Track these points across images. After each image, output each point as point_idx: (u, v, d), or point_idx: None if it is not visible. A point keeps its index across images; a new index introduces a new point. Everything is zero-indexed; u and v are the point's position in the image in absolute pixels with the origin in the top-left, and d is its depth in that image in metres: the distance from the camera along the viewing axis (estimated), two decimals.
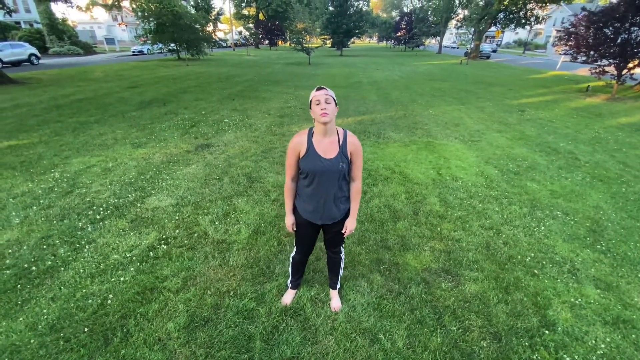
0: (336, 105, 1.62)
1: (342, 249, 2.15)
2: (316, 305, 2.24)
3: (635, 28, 9.54)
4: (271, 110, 7.98)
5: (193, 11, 24.09)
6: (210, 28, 25.41)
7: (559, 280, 2.52)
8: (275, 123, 6.86)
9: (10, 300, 2.24)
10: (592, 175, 4.53)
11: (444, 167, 4.67)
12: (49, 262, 2.60)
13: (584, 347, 1.96)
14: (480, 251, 2.85)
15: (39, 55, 18.63)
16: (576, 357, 1.90)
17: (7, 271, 2.50)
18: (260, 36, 46.73)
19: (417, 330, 2.06)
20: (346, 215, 1.89)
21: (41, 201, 3.54)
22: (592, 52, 10.71)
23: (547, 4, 25.50)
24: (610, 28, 9.95)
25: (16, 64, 17.43)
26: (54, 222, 3.17)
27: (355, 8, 37.98)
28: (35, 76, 13.13)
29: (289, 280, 2.32)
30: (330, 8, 38.74)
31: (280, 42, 50.65)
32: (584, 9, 10.72)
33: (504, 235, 3.09)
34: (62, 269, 2.55)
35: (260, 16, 44.78)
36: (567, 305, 2.27)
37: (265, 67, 18.96)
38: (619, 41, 9.88)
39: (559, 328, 2.08)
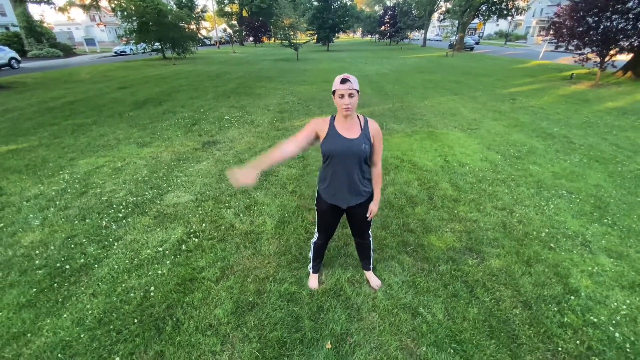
0: (358, 93, 1.64)
1: (371, 234, 2.20)
2: (354, 286, 2.34)
3: (616, 16, 9.94)
4: (270, 106, 7.99)
5: (175, 9, 23.55)
6: (194, 26, 24.91)
7: (574, 252, 2.70)
8: (277, 118, 6.89)
9: (49, 298, 2.25)
10: (589, 157, 4.77)
11: (450, 155, 4.83)
12: (81, 260, 2.61)
13: (607, 309, 2.13)
14: (497, 230, 3.01)
15: (19, 58, 17.92)
16: (602, 318, 2.06)
17: (39, 271, 2.50)
18: (244, 33, 46.18)
19: (453, 303, 2.19)
20: (370, 197, 1.92)
21: (57, 202, 3.51)
22: (575, 41, 11.10)
23: None
24: (593, 17, 10.33)
25: None
26: (76, 222, 3.16)
27: (339, 3, 37.97)
28: (19, 80, 12.68)
29: (309, 266, 2.38)
30: (315, 3, 38.61)
31: (265, 39, 50.17)
32: None
33: (517, 215, 3.25)
34: (96, 266, 2.56)
35: (244, 13, 44.23)
36: (586, 274, 2.44)
37: (254, 64, 18.82)
38: (600, 29, 10.27)
39: (582, 294, 2.25)
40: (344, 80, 1.57)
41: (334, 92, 1.64)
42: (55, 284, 2.37)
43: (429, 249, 2.74)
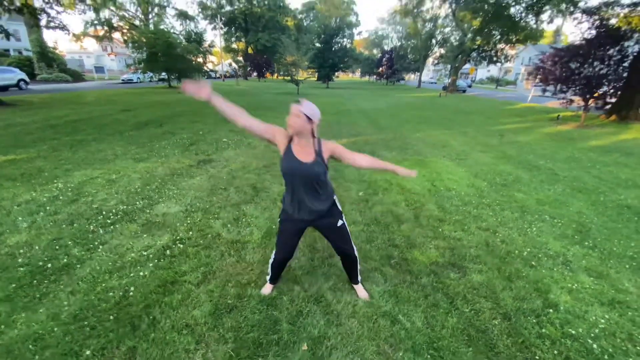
0: (310, 121, 1.72)
1: (354, 248, 2.17)
2: (335, 294, 2.34)
3: (597, 62, 10.68)
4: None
5: (185, 42, 24.95)
6: (201, 59, 26.20)
7: (554, 270, 2.73)
8: None
9: (27, 294, 2.23)
10: (572, 187, 4.92)
11: (437, 180, 4.96)
12: (64, 260, 2.60)
13: (585, 323, 2.14)
14: (480, 248, 3.05)
15: (27, 80, 18.59)
16: (580, 330, 2.06)
17: (21, 269, 2.49)
18: (249, 68, 48.42)
19: (433, 312, 2.19)
20: (330, 209, 1.97)
21: (47, 208, 3.53)
22: (559, 85, 11.80)
23: (515, 44, 28.01)
24: (576, 63, 11.09)
25: (4, 88, 17.28)
26: (63, 226, 3.17)
27: (340, 45, 40.50)
28: (25, 99, 13.07)
29: (267, 277, 2.32)
30: (317, 44, 41.08)
31: (268, 75, 52.56)
32: (552, 47, 11.96)
33: (500, 235, 3.31)
34: (78, 266, 2.55)
35: (250, 50, 46.68)
36: (566, 290, 2.46)
37: (256, 96, 19.58)
38: (583, 75, 10.98)
39: (561, 307, 2.26)
40: (297, 102, 1.70)
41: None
42: (35, 281, 2.35)
43: (413, 263, 2.76)
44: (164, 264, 2.60)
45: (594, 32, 11.25)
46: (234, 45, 50.49)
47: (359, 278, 2.36)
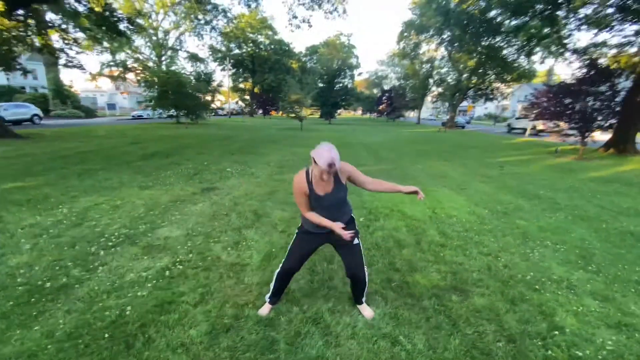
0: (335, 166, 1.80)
1: (366, 273, 2.23)
2: (334, 315, 2.29)
3: (590, 98, 11.07)
4: (271, 162, 8.44)
5: (194, 81, 26.35)
6: (209, 97, 27.46)
7: (559, 294, 2.67)
8: (275, 172, 7.24)
9: (23, 312, 2.21)
10: (574, 215, 4.90)
11: (438, 208, 4.98)
12: (63, 280, 2.60)
13: (593, 345, 2.06)
14: (482, 272, 3.01)
15: (41, 115, 19.46)
16: (587, 352, 1.99)
17: (20, 288, 2.48)
18: (254, 106, 50.41)
19: (435, 334, 2.13)
20: (349, 224, 2.08)
21: (50, 231, 3.57)
22: (554, 120, 12.14)
23: (510, 83, 29.22)
24: (569, 99, 11.50)
25: (18, 122, 18.03)
26: (65, 248, 3.19)
27: (341, 84, 42.45)
28: (38, 132, 13.59)
29: (267, 296, 2.33)
30: (320, 84, 43.09)
31: (273, 112, 54.55)
32: (545, 85, 12.48)
33: (502, 259, 3.28)
34: (77, 286, 2.54)
35: (256, 90, 48.92)
36: (572, 313, 2.40)
37: (261, 131, 20.20)
38: (577, 109, 11.33)
39: (567, 330, 2.19)
40: (330, 165, 1.74)
41: (314, 160, 1.80)
42: (33, 300, 2.33)
43: (414, 286, 2.72)
44: (162, 284, 2.59)
45: (584, 70, 11.79)
46: (241, 85, 53.04)
47: (364, 299, 2.34)
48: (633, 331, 2.21)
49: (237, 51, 47.18)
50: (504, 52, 25.87)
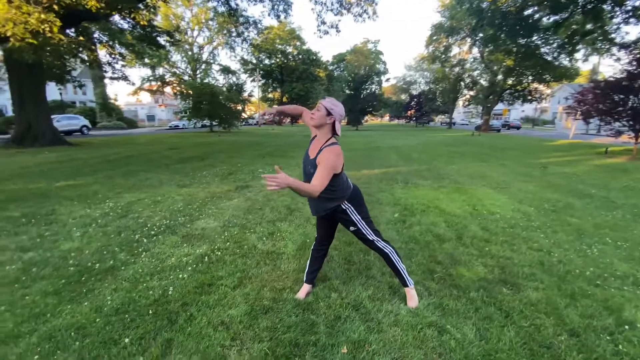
0: (329, 115, 1.81)
1: (378, 242, 2.09)
2: (375, 303, 2.19)
3: None
4: (300, 164, 8.47)
5: (226, 91, 27.45)
6: (240, 107, 28.43)
7: (625, 289, 2.39)
8: None
9: (74, 289, 2.32)
10: (633, 214, 4.44)
11: (479, 205, 4.72)
12: (110, 263, 2.72)
13: None
14: (535, 266, 2.77)
15: (89, 126, 21.10)
16: None
17: (71, 268, 2.63)
18: (282, 116, 51.50)
19: (485, 324, 1.97)
20: (336, 212, 2.04)
21: (99, 221, 3.79)
22: (604, 116, 11.23)
23: (550, 83, 27.57)
24: (619, 95, 10.61)
25: (69, 133, 19.64)
26: (112, 236, 3.36)
27: (369, 90, 42.27)
28: (87, 141, 14.72)
29: (305, 273, 2.33)
30: (347, 91, 43.20)
31: (300, 121, 55.39)
32: (592, 80, 11.63)
33: (556, 255, 3.01)
34: (123, 268, 2.65)
35: (284, 99, 49.99)
36: None
37: (289, 137, 20.53)
38: (628, 106, 10.42)
39: (639, 325, 1.94)
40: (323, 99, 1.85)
41: None
42: (83, 279, 2.46)
43: (458, 278, 2.56)
44: (202, 268, 2.63)
45: (635, 63, 10.85)
46: (270, 95, 54.46)
47: (408, 280, 2.18)
48: None
49: (267, 62, 48.64)
50: (542, 50, 24.53)
